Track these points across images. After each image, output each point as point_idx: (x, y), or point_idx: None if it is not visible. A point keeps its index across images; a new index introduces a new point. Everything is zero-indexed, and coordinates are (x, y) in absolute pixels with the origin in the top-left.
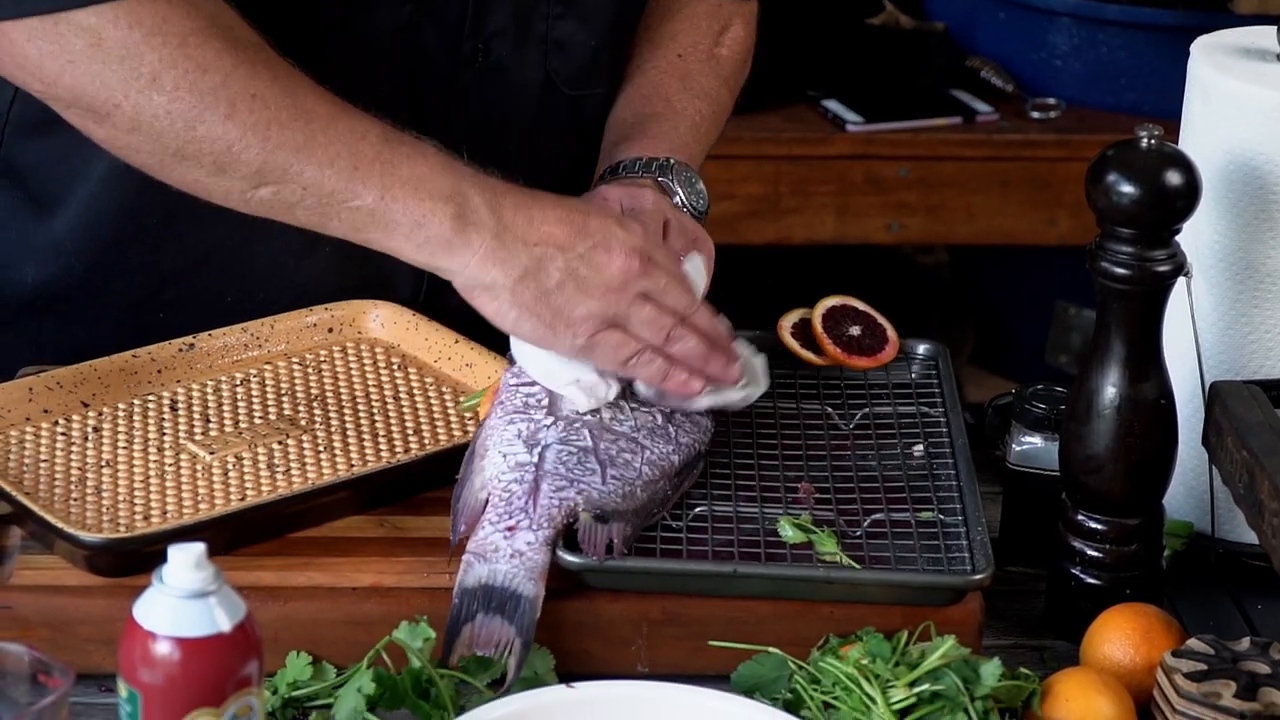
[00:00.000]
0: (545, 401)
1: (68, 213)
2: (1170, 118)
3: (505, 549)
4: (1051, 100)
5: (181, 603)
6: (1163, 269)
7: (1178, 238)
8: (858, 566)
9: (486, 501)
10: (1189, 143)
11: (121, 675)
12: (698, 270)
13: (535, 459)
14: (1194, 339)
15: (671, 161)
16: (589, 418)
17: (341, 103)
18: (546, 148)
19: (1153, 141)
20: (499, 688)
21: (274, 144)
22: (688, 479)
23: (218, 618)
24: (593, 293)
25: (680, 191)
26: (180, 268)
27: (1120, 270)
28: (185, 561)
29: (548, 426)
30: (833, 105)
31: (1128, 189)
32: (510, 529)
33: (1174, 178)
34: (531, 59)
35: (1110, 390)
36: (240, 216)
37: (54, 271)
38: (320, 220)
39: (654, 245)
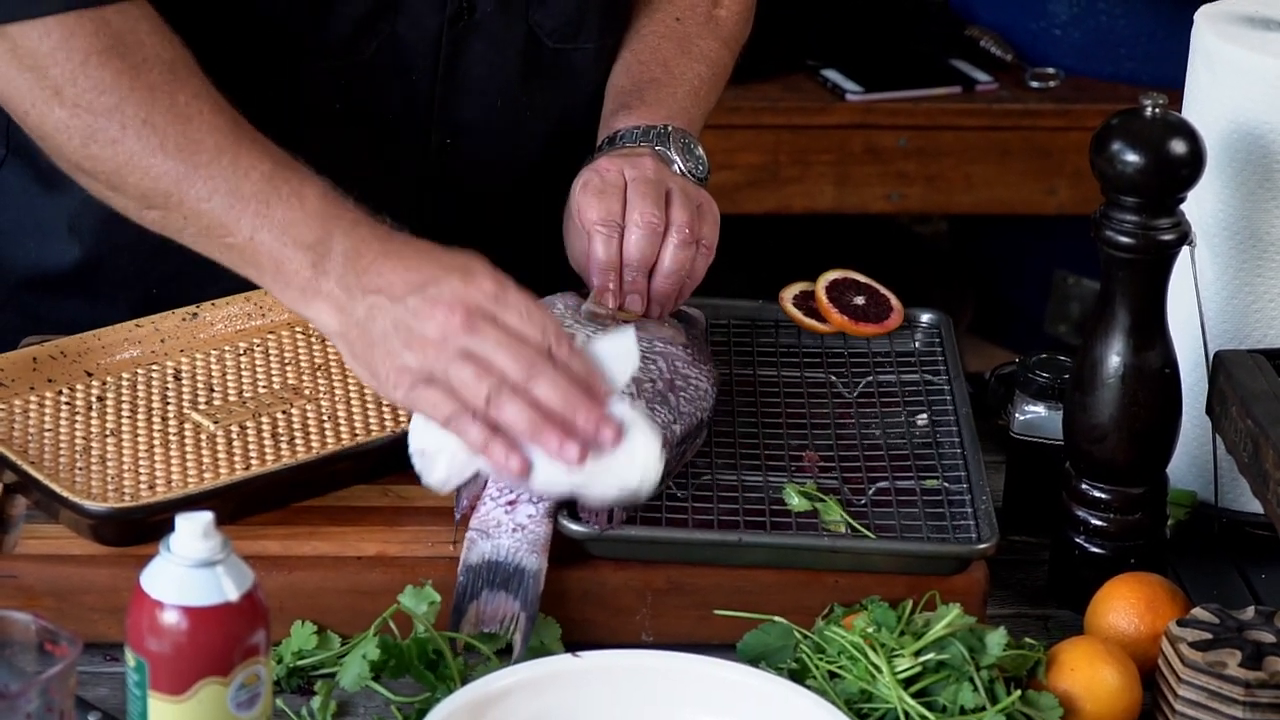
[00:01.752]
0: None
1: (76, 188)
2: (1169, 87)
3: (507, 523)
4: (1051, 70)
5: (189, 572)
6: (1167, 238)
7: (1182, 206)
8: (870, 535)
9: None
10: (1192, 111)
11: (129, 644)
12: (619, 349)
13: None
14: (1198, 308)
15: (669, 129)
16: None
17: (240, 134)
18: (532, 104)
19: (1157, 110)
20: (506, 656)
21: (156, 172)
22: (691, 448)
23: (225, 587)
24: (412, 345)
25: (678, 159)
26: (172, 241)
27: (1124, 239)
28: (193, 530)
29: None
30: (832, 75)
31: (1132, 158)
32: (511, 503)
33: (1178, 146)
34: (514, 12)
35: (1114, 359)
36: None
37: (58, 247)
38: (206, 250)
39: (505, 305)
